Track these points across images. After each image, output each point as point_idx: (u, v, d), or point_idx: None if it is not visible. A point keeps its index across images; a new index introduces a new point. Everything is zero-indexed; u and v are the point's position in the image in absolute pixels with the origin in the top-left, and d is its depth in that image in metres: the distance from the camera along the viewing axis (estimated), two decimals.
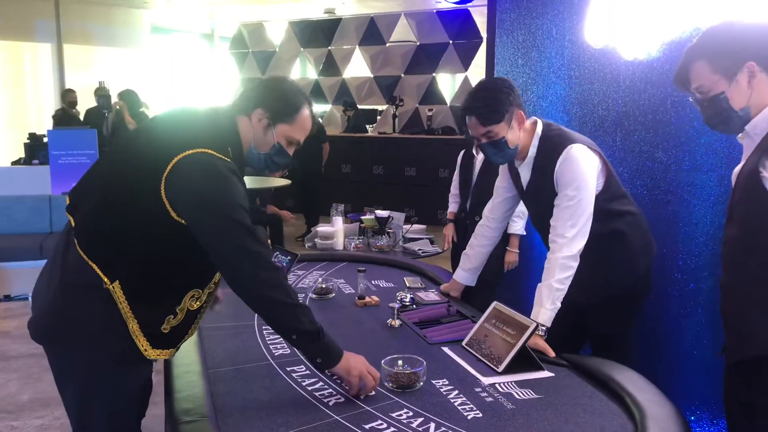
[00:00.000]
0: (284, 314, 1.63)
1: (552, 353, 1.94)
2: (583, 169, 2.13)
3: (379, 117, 9.88)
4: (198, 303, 1.72)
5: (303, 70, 10.78)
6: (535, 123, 2.27)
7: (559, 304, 2.08)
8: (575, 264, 2.10)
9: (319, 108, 10.12)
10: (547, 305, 2.06)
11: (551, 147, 2.20)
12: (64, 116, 8.53)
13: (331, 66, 10.14)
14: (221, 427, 1.47)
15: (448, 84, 10.41)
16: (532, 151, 2.25)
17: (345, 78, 10.05)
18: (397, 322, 2.19)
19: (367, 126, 9.63)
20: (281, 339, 2.06)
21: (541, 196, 2.27)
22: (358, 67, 10.05)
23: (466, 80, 8.79)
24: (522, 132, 2.22)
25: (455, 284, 2.59)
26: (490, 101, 2.16)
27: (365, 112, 9.79)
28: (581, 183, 2.11)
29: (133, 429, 1.73)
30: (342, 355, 1.66)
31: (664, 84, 2.65)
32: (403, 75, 9.52)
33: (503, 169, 2.48)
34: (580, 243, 2.11)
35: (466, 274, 2.57)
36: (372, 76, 9.84)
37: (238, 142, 1.71)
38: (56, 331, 1.61)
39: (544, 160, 2.21)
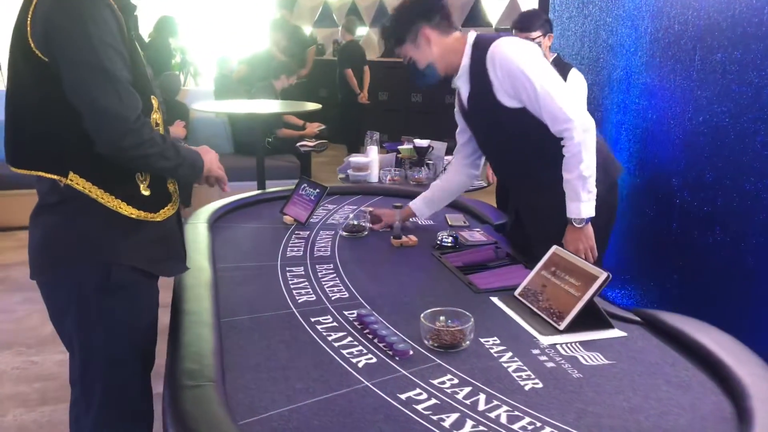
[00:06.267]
0: (153, 166, 1.46)
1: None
2: (520, 54, 1.92)
3: None
4: None
5: None
6: (466, 35, 2.06)
7: (595, 189, 1.93)
8: (594, 138, 1.93)
9: (357, 32, 9.61)
10: (584, 196, 1.91)
11: (481, 48, 1.99)
12: None
13: None
14: (229, 394, 1.23)
15: (494, 4, 9.72)
16: (465, 61, 2.04)
17: None
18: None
19: None
20: (308, 285, 1.83)
21: (482, 108, 2.06)
22: None
23: (513, 0, 8.17)
24: (439, 48, 2.03)
25: (406, 212, 2.33)
26: (392, 23, 2.08)
27: None
28: (530, 68, 1.89)
29: (135, 365, 1.57)
30: (203, 162, 1.60)
31: None
32: None
33: (456, 103, 2.25)
34: (585, 114, 1.92)
35: (422, 205, 2.36)
36: None
37: None
38: (44, 261, 1.50)
39: (478, 66, 2.01)
